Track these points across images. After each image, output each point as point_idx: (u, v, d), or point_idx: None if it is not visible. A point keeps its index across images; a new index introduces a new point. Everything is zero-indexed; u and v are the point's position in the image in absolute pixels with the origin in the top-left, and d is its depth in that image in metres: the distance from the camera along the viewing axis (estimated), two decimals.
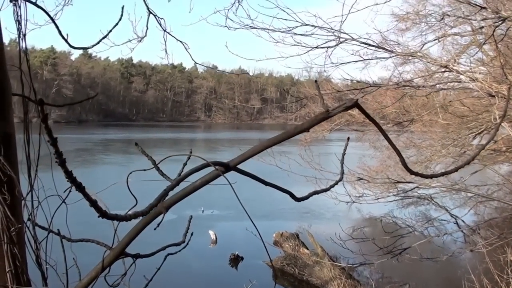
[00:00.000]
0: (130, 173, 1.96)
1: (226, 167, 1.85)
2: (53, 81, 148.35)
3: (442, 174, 2.07)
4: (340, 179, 2.35)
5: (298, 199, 2.10)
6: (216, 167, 1.82)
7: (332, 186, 2.33)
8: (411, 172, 2.04)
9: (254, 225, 2.03)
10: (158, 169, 1.92)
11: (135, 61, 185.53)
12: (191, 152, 2.17)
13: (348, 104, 1.79)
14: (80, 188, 1.23)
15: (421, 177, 2.18)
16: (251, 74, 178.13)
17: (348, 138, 2.46)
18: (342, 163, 2.39)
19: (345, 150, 2.40)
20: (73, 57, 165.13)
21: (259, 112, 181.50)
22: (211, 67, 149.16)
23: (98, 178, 36.56)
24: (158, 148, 71.12)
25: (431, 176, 2.29)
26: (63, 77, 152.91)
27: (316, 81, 2.13)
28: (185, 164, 2.13)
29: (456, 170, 2.15)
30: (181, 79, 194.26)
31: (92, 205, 1.32)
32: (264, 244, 2.26)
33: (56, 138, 1.11)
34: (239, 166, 1.95)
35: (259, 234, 2.15)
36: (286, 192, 2.07)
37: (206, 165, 1.80)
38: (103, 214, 1.41)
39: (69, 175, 1.17)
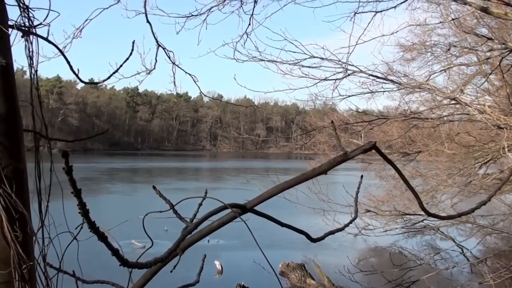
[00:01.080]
0: (146, 214, 1.96)
1: (243, 209, 1.85)
2: (59, 110, 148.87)
3: (459, 215, 2.06)
4: (355, 218, 2.34)
5: (313, 240, 2.09)
6: (233, 209, 1.82)
7: (347, 225, 2.32)
8: (429, 213, 2.04)
9: (265, 258, 2.01)
10: (175, 212, 1.91)
11: (140, 90, 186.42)
12: (206, 193, 2.16)
13: (366, 146, 1.80)
14: (103, 238, 1.22)
15: (439, 218, 2.18)
16: (256, 103, 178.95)
17: (362, 176, 2.45)
18: (356, 201, 2.38)
19: (358, 188, 2.39)
20: (78, 86, 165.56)
21: (264, 141, 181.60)
22: (218, 99, 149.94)
23: (103, 207, 36.55)
24: (163, 177, 71.16)
25: (448, 217, 2.29)
26: (69, 106, 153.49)
27: (332, 121, 2.14)
28: (200, 204, 2.12)
29: (472, 211, 2.14)
30: (187, 108, 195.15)
31: (114, 255, 1.32)
32: (277, 276, 2.24)
33: (80, 189, 1.11)
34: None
35: (271, 266, 2.13)
36: (302, 233, 2.06)
37: (224, 207, 1.80)
38: (124, 263, 1.41)
39: (92, 226, 1.17)
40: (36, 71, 3.31)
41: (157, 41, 5.46)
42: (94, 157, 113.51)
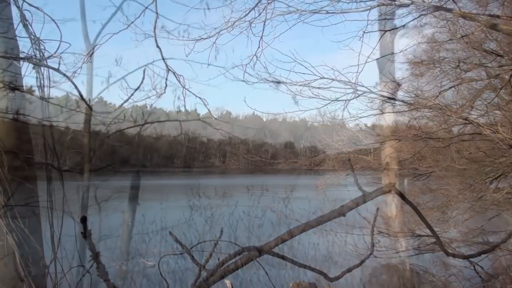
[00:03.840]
0: (163, 256, 1.94)
1: (260, 251, 1.83)
2: (68, 129, 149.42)
3: (479, 254, 2.04)
4: (371, 253, 2.32)
5: (331, 279, 2.07)
6: (250, 252, 1.79)
7: (363, 261, 2.30)
8: (448, 253, 2.02)
9: (270, 280, 1.99)
10: (192, 258, 1.89)
11: (148, 107, 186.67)
12: (221, 232, 2.15)
13: (385, 188, 1.79)
14: None
15: (459, 258, 2.16)
16: (264, 119, 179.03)
17: (378, 209, 2.43)
18: (372, 235, 2.36)
19: (374, 221, 2.37)
20: None
21: (273, 157, 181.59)
22: (230, 122, 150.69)
23: (114, 225, 36.58)
24: (173, 194, 71.02)
25: (468, 257, 2.26)
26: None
27: (349, 159, 2.12)
28: (216, 243, 2.11)
29: (493, 248, 2.12)
30: (195, 125, 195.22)
31: None
32: None
33: (99, 252, 1.09)
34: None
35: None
36: (319, 272, 2.04)
37: (241, 251, 1.78)
38: None
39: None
40: (47, 101, 3.31)
41: (167, 66, 5.48)
42: (103, 175, 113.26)
